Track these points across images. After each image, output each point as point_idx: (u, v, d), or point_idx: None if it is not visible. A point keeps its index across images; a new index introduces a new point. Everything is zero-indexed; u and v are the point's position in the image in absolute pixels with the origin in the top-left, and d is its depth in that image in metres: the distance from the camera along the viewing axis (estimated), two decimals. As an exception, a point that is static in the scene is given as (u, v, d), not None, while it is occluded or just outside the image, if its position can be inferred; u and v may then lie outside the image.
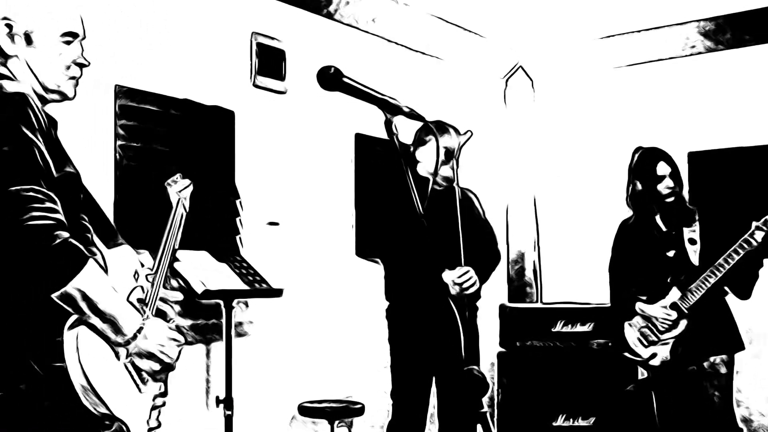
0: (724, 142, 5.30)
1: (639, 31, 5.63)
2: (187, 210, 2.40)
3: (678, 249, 3.67)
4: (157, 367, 1.87)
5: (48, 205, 1.66)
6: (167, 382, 1.99)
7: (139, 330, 1.80)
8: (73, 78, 1.96)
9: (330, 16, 4.79)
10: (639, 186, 3.77)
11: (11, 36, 1.88)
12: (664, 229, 3.74)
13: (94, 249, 1.91)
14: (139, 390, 1.87)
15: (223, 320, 3.75)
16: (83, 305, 1.69)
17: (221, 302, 3.74)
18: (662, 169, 3.72)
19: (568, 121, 6.03)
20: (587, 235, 5.78)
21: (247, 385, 4.02)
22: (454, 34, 5.60)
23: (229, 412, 3.66)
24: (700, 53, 5.46)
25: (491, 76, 6.09)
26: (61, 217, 1.68)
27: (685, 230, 3.67)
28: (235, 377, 3.74)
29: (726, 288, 3.62)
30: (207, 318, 4.00)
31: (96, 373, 1.74)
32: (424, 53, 5.45)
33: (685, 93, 5.51)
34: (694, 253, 3.62)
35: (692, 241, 3.64)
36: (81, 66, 1.97)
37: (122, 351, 1.81)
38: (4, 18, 1.88)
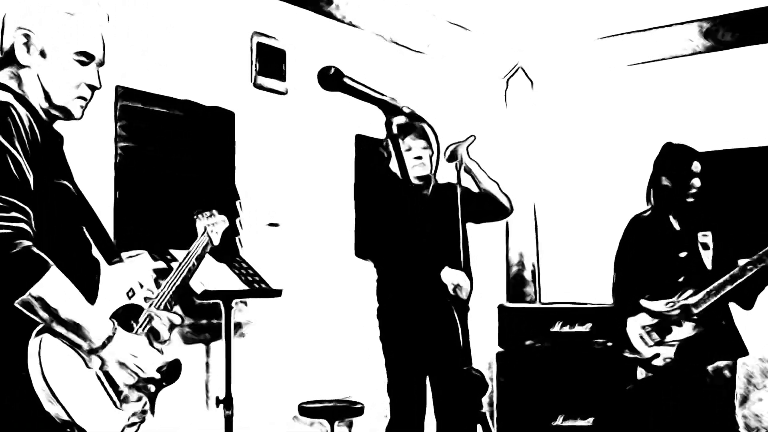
0: (732, 143, 5.25)
1: (640, 31, 5.62)
2: (215, 245, 2.39)
3: (690, 251, 3.63)
4: (130, 380, 1.82)
5: (12, 214, 1.67)
6: (154, 400, 1.90)
7: (109, 339, 1.77)
8: (81, 98, 1.96)
9: (331, 15, 4.79)
10: (665, 181, 3.69)
11: (27, 46, 1.88)
12: (677, 228, 3.68)
13: (95, 260, 1.90)
14: (114, 404, 1.83)
15: (223, 320, 3.75)
16: (43, 313, 1.68)
17: (220, 302, 3.75)
18: (696, 167, 3.64)
19: (569, 121, 6.02)
20: (586, 236, 5.78)
21: (247, 385, 4.01)
22: (455, 34, 5.60)
23: (229, 412, 3.66)
24: (701, 53, 5.45)
25: (492, 77, 6.09)
26: (25, 226, 1.68)
27: (699, 234, 3.62)
28: (235, 377, 3.75)
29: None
30: (207, 318, 4.00)
31: (61, 381, 1.72)
32: (424, 53, 5.45)
33: (689, 93, 5.48)
34: (706, 258, 3.58)
35: (705, 246, 3.59)
36: (92, 88, 1.97)
37: (94, 360, 1.78)
38: (24, 28, 1.88)
